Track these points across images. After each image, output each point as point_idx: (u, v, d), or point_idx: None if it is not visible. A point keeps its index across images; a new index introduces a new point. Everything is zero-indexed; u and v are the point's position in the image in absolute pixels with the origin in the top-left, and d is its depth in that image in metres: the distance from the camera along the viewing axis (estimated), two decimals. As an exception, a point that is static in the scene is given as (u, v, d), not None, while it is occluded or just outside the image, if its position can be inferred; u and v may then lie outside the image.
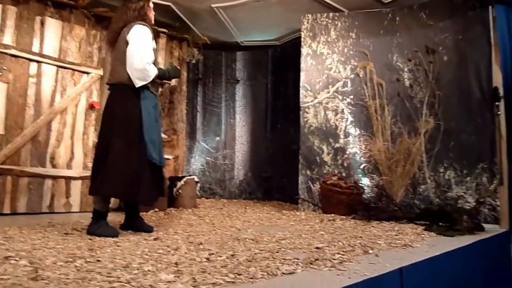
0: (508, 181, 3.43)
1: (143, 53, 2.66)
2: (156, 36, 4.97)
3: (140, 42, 2.68)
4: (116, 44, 2.82)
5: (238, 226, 3.17)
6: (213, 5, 4.73)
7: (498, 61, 3.52)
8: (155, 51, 2.87)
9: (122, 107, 2.69)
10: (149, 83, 2.74)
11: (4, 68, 3.70)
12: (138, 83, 2.67)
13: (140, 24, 2.76)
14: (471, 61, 3.69)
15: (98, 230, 2.58)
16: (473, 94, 3.66)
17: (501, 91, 3.48)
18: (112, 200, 4.17)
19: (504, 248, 3.29)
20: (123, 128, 2.65)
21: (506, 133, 3.45)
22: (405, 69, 4.16)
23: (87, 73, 4.20)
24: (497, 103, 3.47)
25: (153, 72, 2.73)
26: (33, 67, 3.88)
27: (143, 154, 2.64)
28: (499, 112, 3.46)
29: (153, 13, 2.98)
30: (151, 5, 2.94)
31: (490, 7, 3.58)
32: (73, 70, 4.13)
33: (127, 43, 2.70)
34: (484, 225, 3.18)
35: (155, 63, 2.81)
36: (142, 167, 2.64)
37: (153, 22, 2.97)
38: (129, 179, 2.61)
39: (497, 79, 3.51)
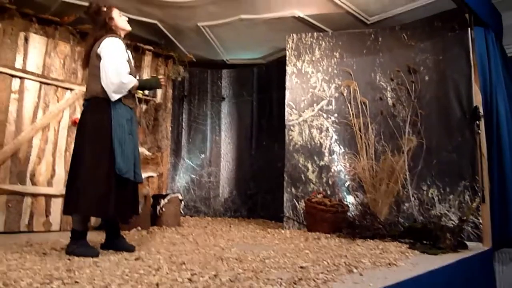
0: (489, 199, 3.47)
1: (118, 66, 2.61)
2: (141, 53, 4.99)
3: (113, 55, 2.63)
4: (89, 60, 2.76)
5: (222, 245, 3.12)
6: (199, 24, 4.76)
7: (478, 82, 3.60)
8: (130, 61, 2.81)
9: (93, 120, 2.62)
10: (124, 95, 2.68)
11: (-15, 83, 3.64)
12: (115, 97, 2.61)
13: (110, 36, 2.71)
14: (452, 81, 3.78)
15: (77, 250, 2.48)
16: (453, 113, 3.73)
17: (481, 110, 3.55)
18: (93, 218, 4.11)
19: (487, 266, 3.31)
20: (94, 141, 2.57)
21: (487, 152, 3.51)
22: (388, 88, 4.23)
23: (71, 89, 4.17)
24: (477, 122, 3.54)
25: (129, 84, 2.66)
26: (16, 83, 3.83)
27: (113, 167, 2.54)
28: (479, 131, 3.52)
29: (125, 19, 2.91)
30: (116, 14, 2.84)
31: (469, 29, 3.68)
32: (57, 86, 4.09)
33: (99, 57, 2.65)
34: (468, 243, 3.20)
35: (132, 73, 2.76)
36: (113, 181, 2.55)
37: (127, 28, 2.90)
38: (100, 195, 2.50)
39: (477, 98, 3.59)
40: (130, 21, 3.10)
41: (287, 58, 4.65)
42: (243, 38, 5.20)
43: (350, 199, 4.21)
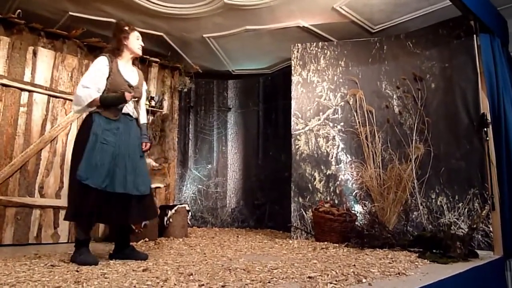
0: (500, 206, 3.43)
1: (81, 80, 2.78)
2: (148, 65, 5.04)
3: (87, 72, 2.82)
4: None
5: (230, 255, 3.11)
6: (204, 35, 4.81)
7: (485, 88, 3.58)
8: (112, 78, 2.81)
9: (78, 132, 2.88)
10: (92, 108, 2.75)
11: (-5, 97, 3.70)
12: (74, 108, 2.82)
13: (100, 56, 2.89)
14: (458, 88, 3.76)
15: (78, 258, 2.60)
16: (461, 121, 3.70)
17: (488, 117, 3.52)
18: (101, 230, 4.13)
19: (499, 275, 3.25)
20: (74, 152, 2.77)
21: (495, 159, 3.48)
22: (394, 96, 4.22)
23: (79, 102, 4.21)
24: (485, 129, 3.52)
25: (86, 97, 2.69)
26: (24, 96, 3.88)
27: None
28: (487, 138, 3.49)
29: (140, 44, 3.01)
30: (133, 36, 2.97)
31: (474, 36, 3.67)
32: (65, 99, 4.14)
33: None
34: (478, 251, 3.16)
35: (119, 88, 2.80)
36: (77, 186, 2.63)
37: (136, 52, 3.00)
38: (69, 201, 2.73)
39: (485, 105, 3.57)
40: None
41: (292, 68, 4.67)
42: (249, 49, 5.24)
43: (358, 208, 4.18)
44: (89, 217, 2.65)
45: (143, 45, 3.05)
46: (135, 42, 2.98)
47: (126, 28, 2.96)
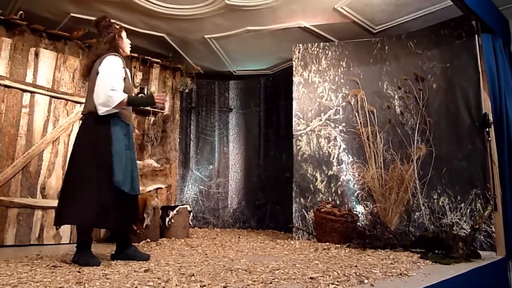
0: (502, 206, 3.42)
1: (107, 81, 2.66)
2: (149, 66, 5.06)
3: (108, 71, 2.69)
4: (89, 76, 2.84)
5: (231, 256, 3.11)
6: (206, 36, 4.81)
7: (487, 88, 3.58)
8: (128, 79, 2.87)
9: (92, 135, 2.69)
10: (117, 110, 2.70)
11: (-3, 98, 3.70)
12: (101, 110, 2.64)
13: (111, 55, 2.78)
14: (460, 88, 3.75)
15: (81, 259, 2.59)
16: (463, 121, 3.70)
17: (490, 117, 3.52)
18: (102, 231, 4.13)
19: (501, 275, 3.24)
20: (93, 155, 2.64)
21: (497, 159, 3.47)
22: (396, 97, 4.22)
23: (80, 103, 4.21)
24: (487, 129, 3.51)
25: (116, 98, 2.64)
26: (26, 97, 3.89)
27: (111, 180, 2.60)
28: (489, 138, 3.48)
29: (129, 42, 3.02)
30: (124, 35, 2.97)
31: (476, 36, 3.66)
32: (66, 100, 4.15)
33: (98, 74, 2.71)
34: (480, 252, 3.15)
35: (129, 91, 2.82)
36: (113, 193, 2.61)
37: (127, 51, 3.01)
38: (100, 207, 2.59)
39: (487, 105, 3.56)
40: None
41: (293, 68, 4.67)
42: (250, 49, 5.24)
43: (359, 209, 4.17)
44: (120, 221, 2.70)
45: (130, 42, 3.05)
46: (126, 41, 2.98)
47: (117, 26, 2.94)
